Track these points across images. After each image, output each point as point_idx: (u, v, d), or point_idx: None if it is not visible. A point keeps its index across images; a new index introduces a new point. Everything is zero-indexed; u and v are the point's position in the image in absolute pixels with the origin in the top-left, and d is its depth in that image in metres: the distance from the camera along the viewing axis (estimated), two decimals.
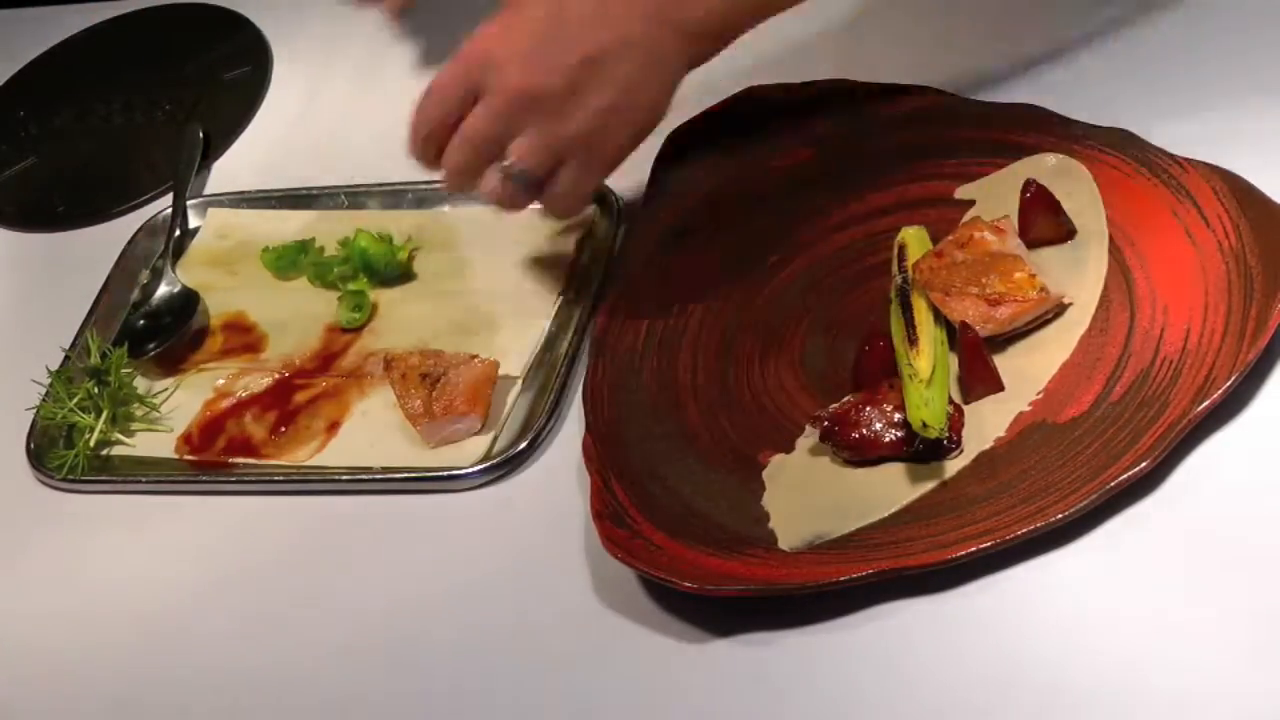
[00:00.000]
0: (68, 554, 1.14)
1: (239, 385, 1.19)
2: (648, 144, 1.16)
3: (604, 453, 1.03)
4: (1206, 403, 0.93)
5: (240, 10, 1.51)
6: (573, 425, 1.09)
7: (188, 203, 1.33)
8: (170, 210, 1.32)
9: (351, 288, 1.22)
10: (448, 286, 1.21)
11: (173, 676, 1.05)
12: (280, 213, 1.30)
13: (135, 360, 1.21)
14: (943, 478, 0.98)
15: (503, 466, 1.08)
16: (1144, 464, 0.92)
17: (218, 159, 1.39)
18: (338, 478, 1.12)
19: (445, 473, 1.09)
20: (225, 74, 1.47)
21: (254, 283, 1.26)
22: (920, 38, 1.24)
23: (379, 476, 1.10)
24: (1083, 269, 1.04)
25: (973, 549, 0.92)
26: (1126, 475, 0.92)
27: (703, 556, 0.97)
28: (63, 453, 1.17)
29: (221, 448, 1.16)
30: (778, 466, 1.02)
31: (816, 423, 1.01)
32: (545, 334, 1.15)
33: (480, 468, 1.08)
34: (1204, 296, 0.98)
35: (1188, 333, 0.98)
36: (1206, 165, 1.03)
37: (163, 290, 1.26)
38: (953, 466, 0.98)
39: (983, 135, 1.12)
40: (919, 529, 0.95)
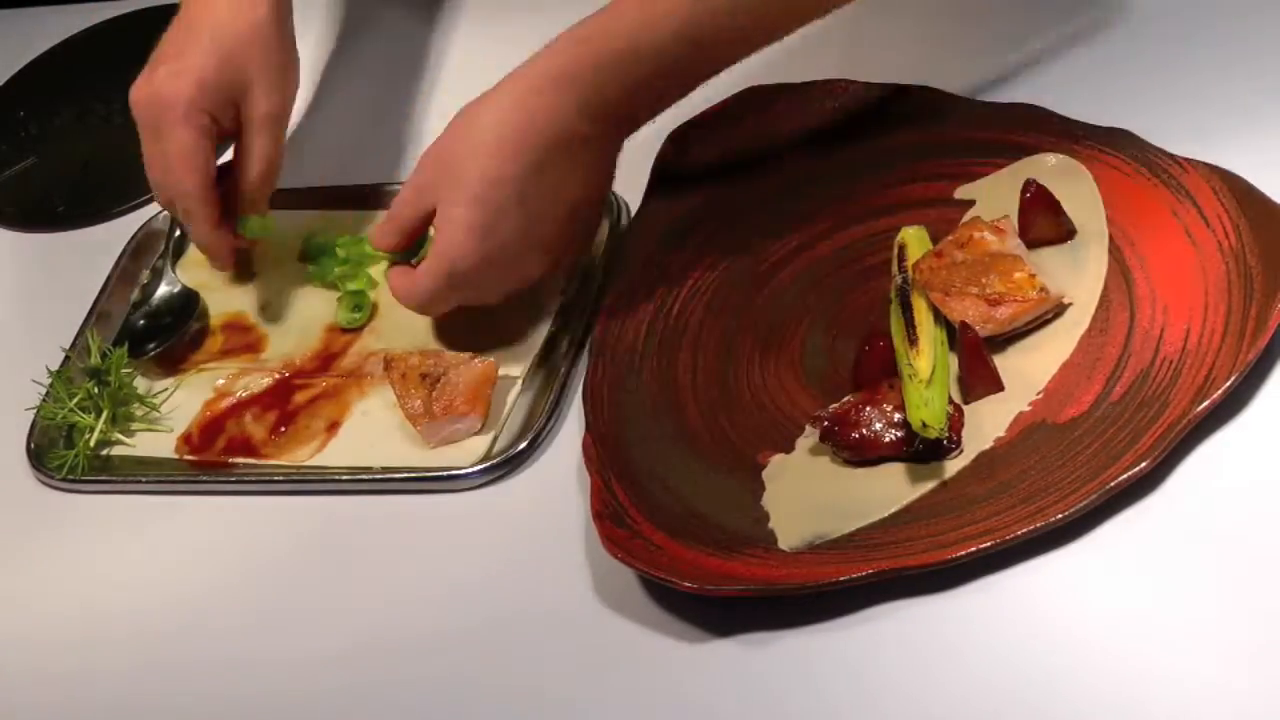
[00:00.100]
0: (68, 554, 1.14)
1: (239, 385, 1.19)
2: (648, 144, 1.16)
3: (604, 453, 1.03)
4: (1206, 403, 0.93)
5: None
6: (573, 425, 1.09)
7: None
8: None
9: (351, 288, 1.22)
10: None
11: (173, 676, 1.05)
12: (282, 213, 1.30)
13: (135, 360, 1.21)
14: (943, 478, 0.98)
15: (503, 466, 1.08)
16: (1144, 464, 0.92)
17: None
18: (338, 478, 1.12)
19: (445, 473, 1.09)
20: None
21: (254, 282, 1.26)
22: (920, 38, 1.24)
23: (379, 476, 1.10)
24: (1083, 269, 1.04)
25: (973, 549, 0.92)
26: (1126, 475, 0.92)
27: (703, 556, 0.97)
28: (63, 453, 1.17)
29: (221, 448, 1.16)
30: (778, 466, 1.02)
31: (816, 423, 1.01)
32: (545, 334, 1.15)
33: (480, 468, 1.08)
34: (1204, 296, 0.98)
35: (1188, 333, 0.98)
36: (1206, 165, 1.03)
37: (163, 290, 1.26)
38: (953, 466, 0.98)
39: (983, 135, 1.12)
40: (919, 529, 0.95)
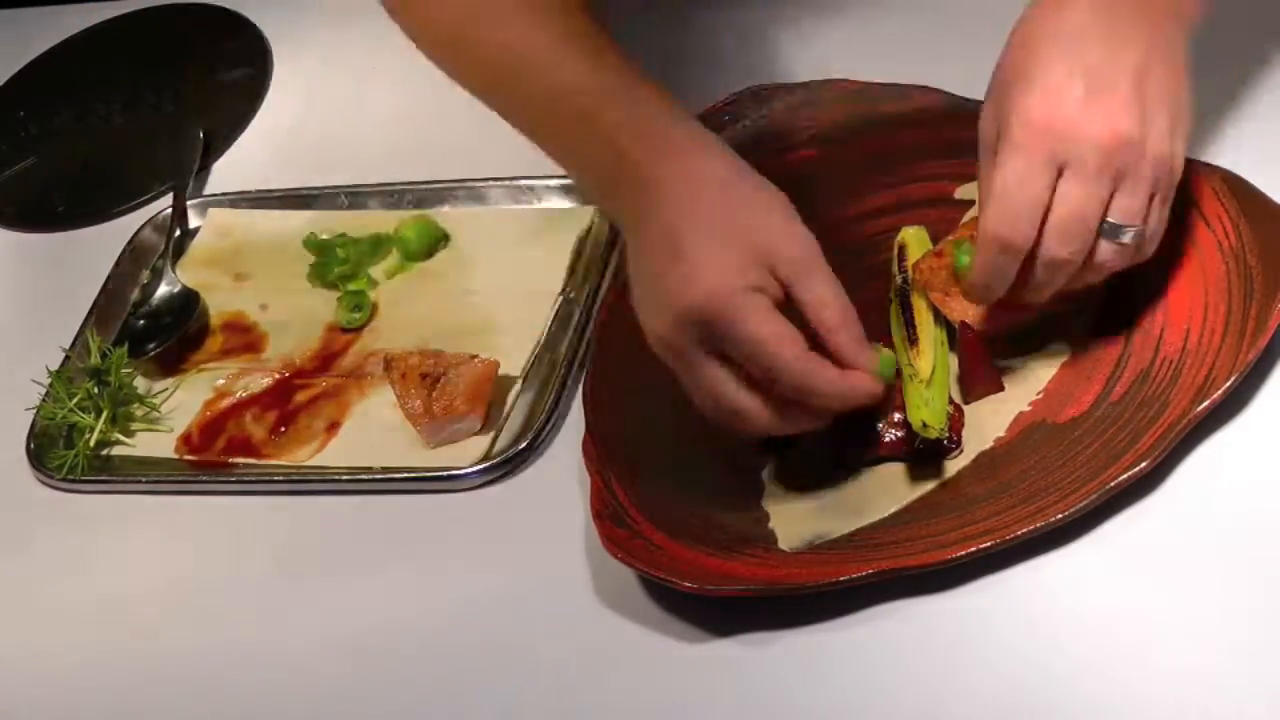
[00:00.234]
0: (68, 554, 1.14)
1: (239, 385, 1.19)
2: None
3: (604, 453, 1.03)
4: (1206, 403, 0.93)
5: (240, 10, 1.51)
6: (573, 425, 1.09)
7: (188, 203, 1.33)
8: (170, 210, 1.32)
9: (351, 288, 1.22)
10: (448, 286, 1.21)
11: (172, 676, 1.05)
12: (280, 213, 1.30)
13: (135, 360, 1.21)
14: (943, 478, 0.98)
15: (503, 466, 1.08)
16: (1144, 464, 0.92)
17: (218, 159, 1.39)
18: (338, 478, 1.12)
19: (445, 473, 1.09)
20: (225, 74, 1.47)
21: (254, 283, 1.26)
22: (920, 38, 1.24)
23: (379, 476, 1.10)
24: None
25: (973, 549, 0.92)
26: (1126, 475, 0.92)
27: (703, 556, 0.97)
28: (63, 453, 1.17)
29: (221, 448, 1.16)
30: (778, 467, 1.02)
31: None
32: (545, 334, 1.15)
33: (480, 468, 1.08)
34: (1204, 296, 0.98)
35: (1188, 332, 0.98)
36: (1206, 165, 1.03)
37: (163, 290, 1.26)
38: (953, 466, 0.98)
39: None
40: (919, 529, 0.95)
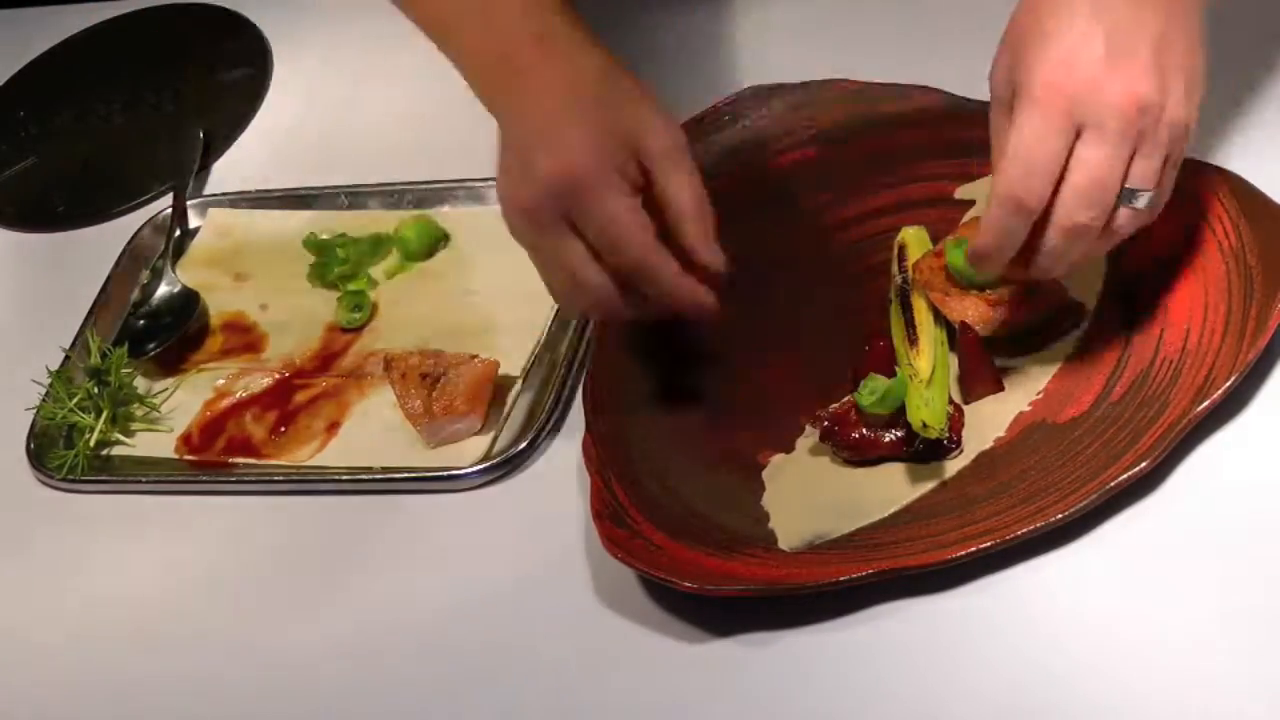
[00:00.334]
0: (68, 554, 1.14)
1: (239, 385, 1.19)
2: None
3: (604, 453, 1.03)
4: (1206, 403, 0.93)
5: (240, 10, 1.51)
6: (573, 425, 1.09)
7: (188, 203, 1.33)
8: (170, 210, 1.32)
9: (351, 288, 1.22)
10: (448, 286, 1.21)
11: (173, 676, 1.05)
12: (280, 213, 1.30)
13: (135, 360, 1.21)
14: (943, 478, 0.98)
15: (503, 466, 1.08)
16: (1144, 464, 0.92)
17: (218, 159, 1.39)
18: (338, 478, 1.12)
19: (445, 473, 1.09)
20: (225, 74, 1.47)
21: (254, 282, 1.26)
22: (920, 38, 1.24)
23: (379, 476, 1.10)
24: (1082, 269, 1.04)
25: (973, 549, 0.92)
26: (1126, 475, 0.92)
27: (703, 556, 0.97)
28: (63, 453, 1.17)
29: (221, 448, 1.16)
30: (778, 466, 1.02)
31: (816, 423, 1.01)
32: (545, 334, 1.15)
33: (480, 468, 1.08)
34: (1204, 296, 0.98)
35: (1187, 333, 0.98)
36: (1207, 165, 1.03)
37: (163, 290, 1.26)
38: (953, 466, 0.98)
39: (983, 135, 1.12)
40: (919, 529, 0.95)
